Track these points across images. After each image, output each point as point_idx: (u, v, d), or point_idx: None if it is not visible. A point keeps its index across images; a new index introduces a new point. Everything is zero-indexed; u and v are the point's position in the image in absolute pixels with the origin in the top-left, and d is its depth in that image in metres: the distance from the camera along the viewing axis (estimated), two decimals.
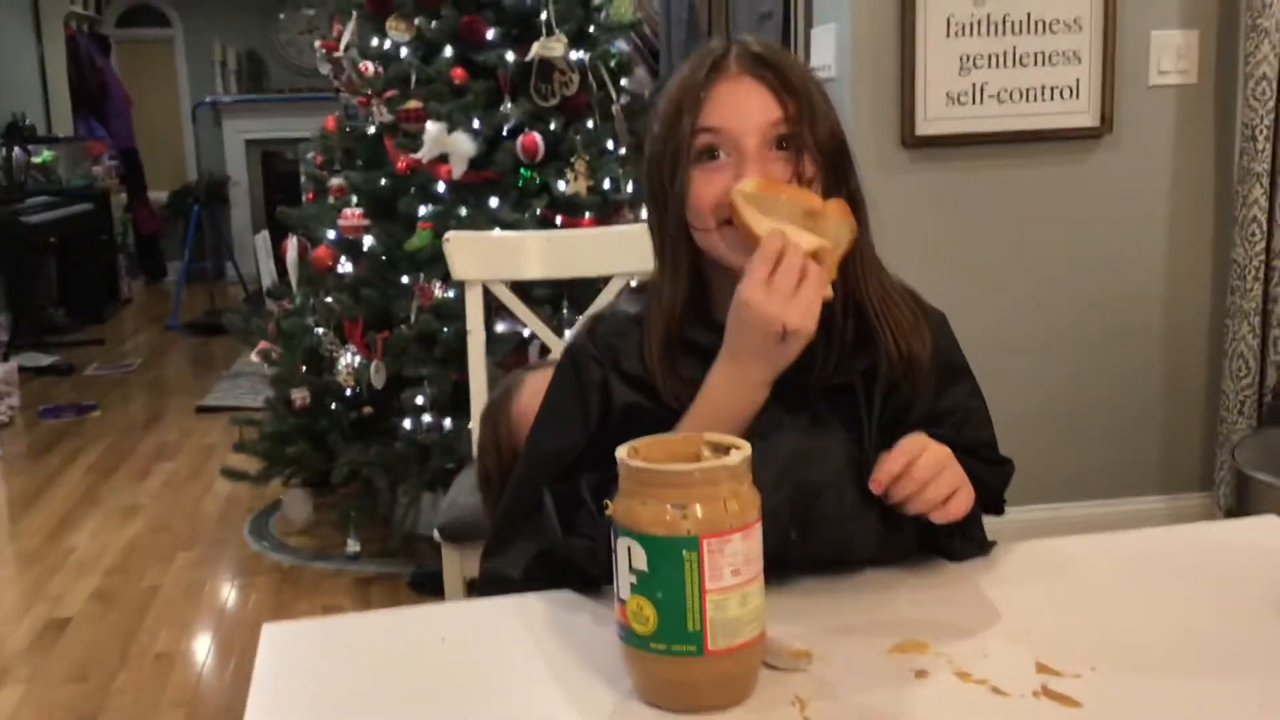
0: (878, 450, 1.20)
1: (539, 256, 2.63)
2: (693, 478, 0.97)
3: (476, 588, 1.31)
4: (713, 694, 0.99)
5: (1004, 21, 3.11)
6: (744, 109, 1.20)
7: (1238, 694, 0.98)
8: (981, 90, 3.13)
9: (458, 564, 2.37)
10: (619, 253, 2.60)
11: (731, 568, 0.96)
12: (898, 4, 3.07)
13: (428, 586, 3.31)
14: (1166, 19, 3.17)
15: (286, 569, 3.56)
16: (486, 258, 2.58)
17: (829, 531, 1.18)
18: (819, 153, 1.21)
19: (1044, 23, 3.12)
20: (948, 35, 3.09)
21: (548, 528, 1.22)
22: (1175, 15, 3.17)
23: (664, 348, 1.24)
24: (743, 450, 1.00)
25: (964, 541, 1.24)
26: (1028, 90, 3.14)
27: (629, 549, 0.97)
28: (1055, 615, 1.13)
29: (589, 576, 1.20)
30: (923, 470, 1.15)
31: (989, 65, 3.12)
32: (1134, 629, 1.10)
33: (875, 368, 1.25)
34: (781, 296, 1.14)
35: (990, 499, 1.28)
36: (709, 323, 1.24)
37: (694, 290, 1.25)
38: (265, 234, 5.86)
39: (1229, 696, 0.97)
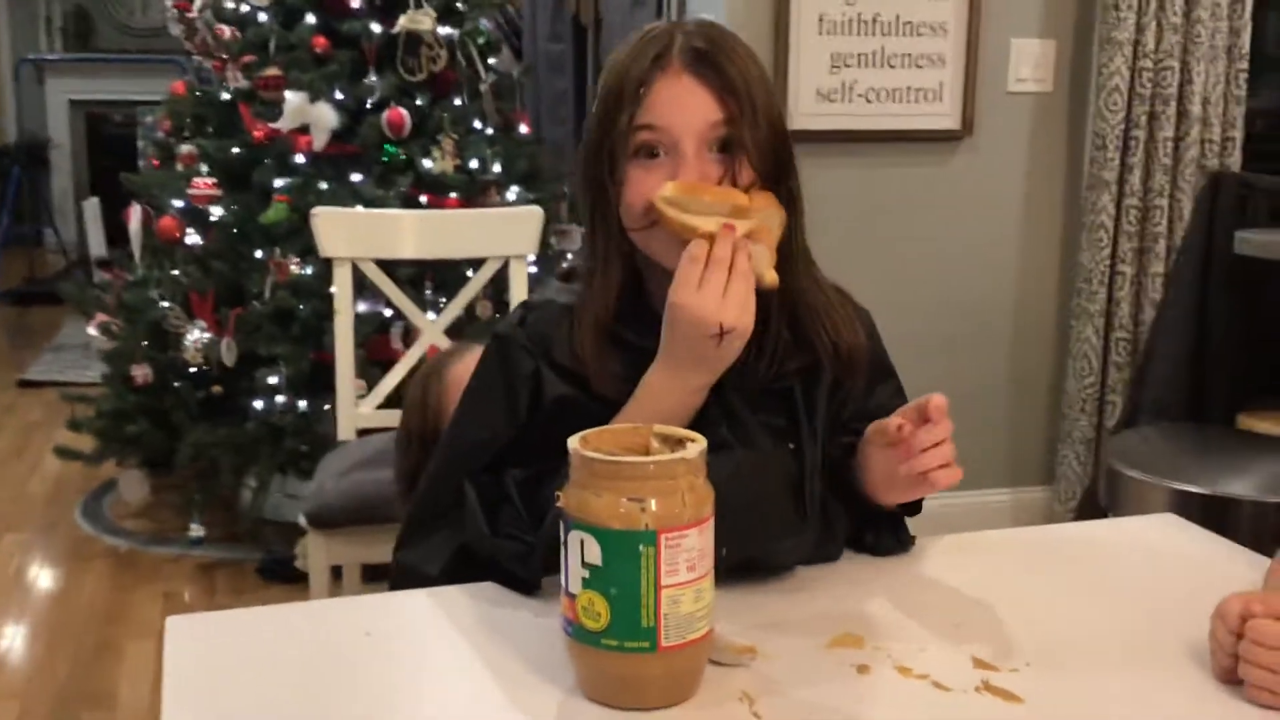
0: (819, 454, 1.20)
1: (413, 236, 2.56)
2: (650, 470, 0.94)
3: (390, 580, 1.25)
4: (662, 691, 0.97)
5: (874, 22, 3.16)
6: (684, 109, 1.16)
7: (1168, 685, 1.01)
8: (851, 88, 3.17)
9: (324, 551, 2.29)
10: (495, 235, 2.56)
11: (687, 563, 0.94)
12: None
13: (277, 573, 3.20)
14: (1026, 28, 3.28)
15: (123, 553, 3.39)
16: (357, 235, 2.50)
17: (761, 548, 1.17)
18: (758, 152, 1.18)
19: (911, 25, 3.19)
20: (820, 32, 3.13)
21: (471, 524, 1.18)
22: (1035, 25, 3.28)
23: (595, 341, 1.20)
24: (699, 443, 0.98)
25: (892, 540, 1.26)
26: (894, 91, 3.20)
27: (582, 542, 0.94)
28: (983, 609, 1.15)
29: (513, 578, 1.16)
30: (947, 428, 1.15)
31: (859, 65, 3.17)
32: (1060, 624, 1.12)
33: (814, 368, 1.24)
34: (714, 296, 1.11)
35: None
36: (643, 317, 1.21)
37: (628, 283, 1.22)
38: (95, 201, 5.58)
39: (1162, 689, 1.00)
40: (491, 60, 3.59)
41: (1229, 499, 1.96)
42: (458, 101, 3.45)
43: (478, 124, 3.48)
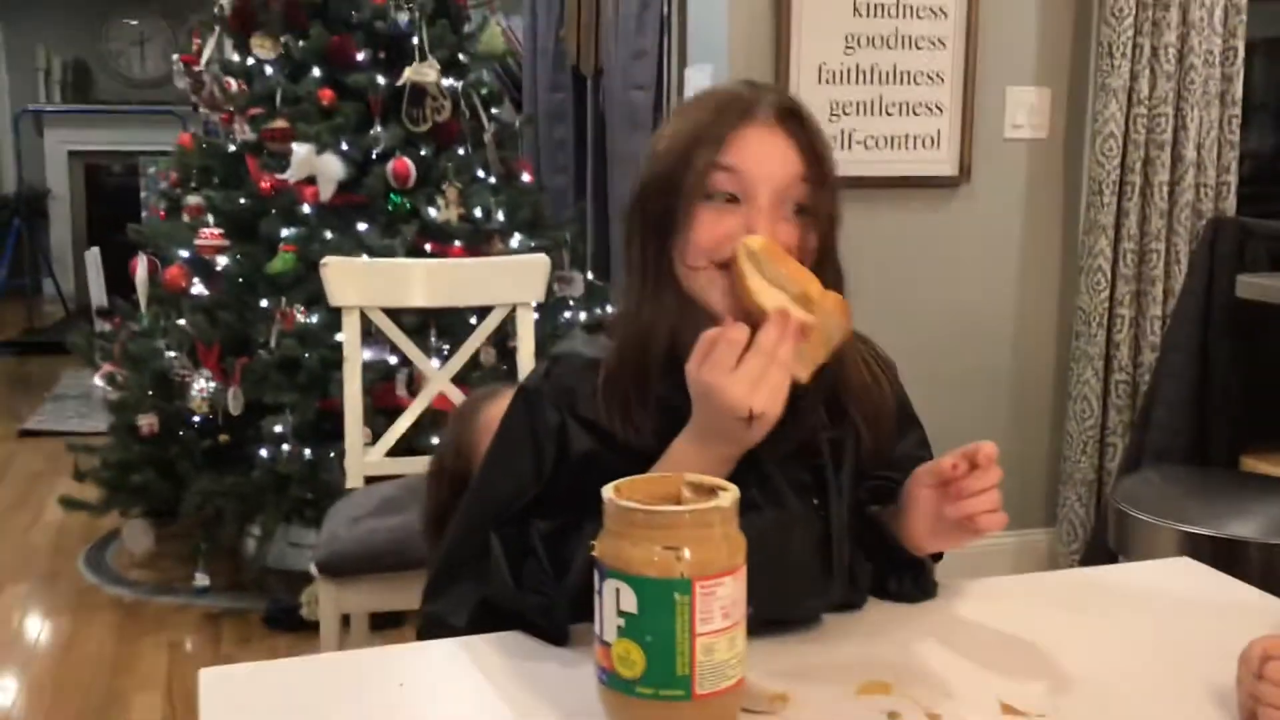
0: (845, 511, 1.22)
1: (421, 284, 2.59)
2: (685, 519, 0.96)
3: (418, 631, 1.26)
4: None
5: (872, 71, 3.21)
6: (770, 159, 1.18)
7: None
8: (850, 136, 3.22)
9: (335, 599, 2.29)
10: (501, 283, 2.58)
11: (722, 610, 0.96)
12: (772, 48, 3.13)
13: (283, 622, 3.20)
14: (1022, 76, 3.33)
15: (128, 603, 3.39)
16: (366, 284, 2.53)
17: (787, 607, 1.19)
18: (828, 219, 1.20)
19: (909, 74, 3.24)
20: (819, 81, 3.18)
21: (496, 577, 1.19)
22: (1030, 73, 3.33)
23: (635, 379, 1.20)
24: (731, 491, 0.99)
25: (914, 588, 1.27)
26: (893, 138, 3.25)
27: (617, 591, 0.96)
28: (1007, 655, 1.16)
29: (539, 629, 1.18)
30: (996, 475, 1.18)
31: (857, 113, 3.21)
32: (1084, 668, 1.13)
33: (843, 439, 1.25)
34: (747, 380, 1.11)
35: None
36: (675, 370, 1.20)
37: (666, 328, 1.21)
38: (96, 250, 5.60)
39: None
40: (494, 110, 3.64)
41: (1237, 541, 1.98)
42: (461, 151, 3.49)
43: (481, 173, 3.52)
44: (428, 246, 3.34)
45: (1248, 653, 1.02)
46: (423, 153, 3.42)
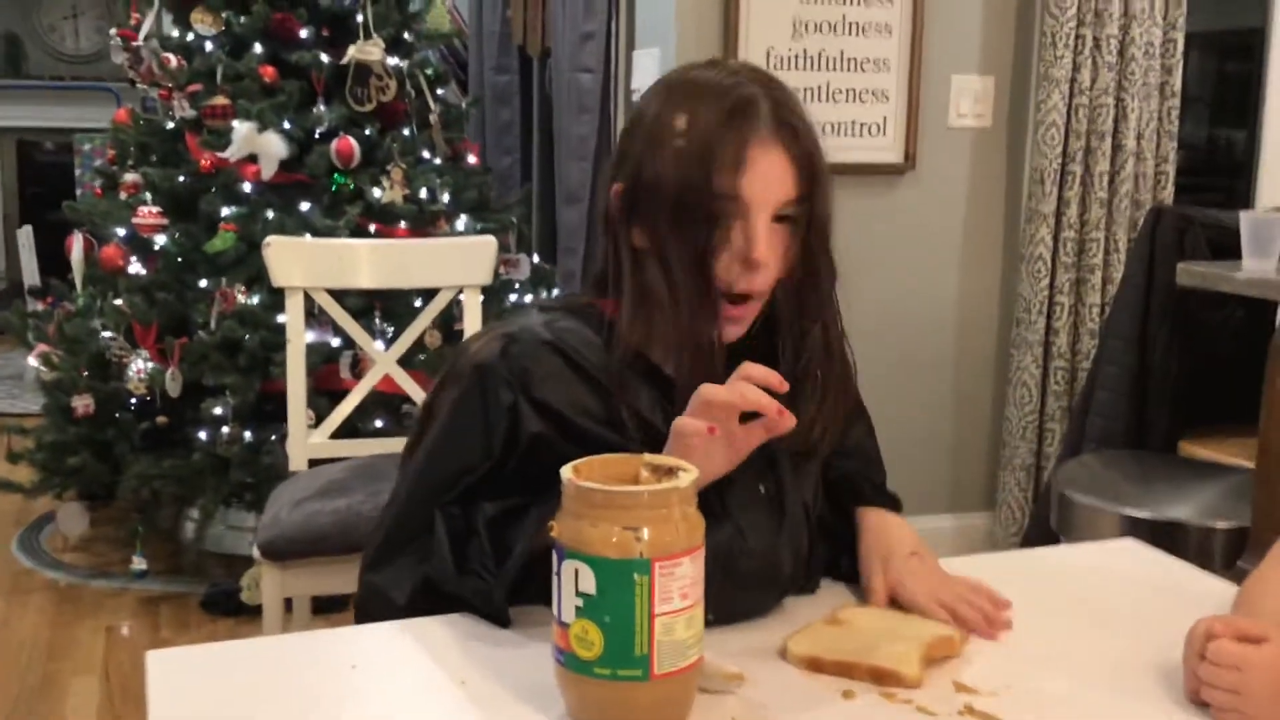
0: (805, 516, 1.24)
1: (367, 266, 2.56)
2: (644, 500, 0.96)
3: (356, 600, 1.24)
4: (654, 718, 0.98)
5: (820, 57, 3.22)
6: (770, 180, 1.15)
7: (1144, 706, 1.04)
8: None
9: (279, 583, 2.27)
10: (449, 265, 2.56)
11: (680, 590, 0.96)
12: (720, 32, 3.13)
13: (222, 606, 3.16)
14: (966, 64, 3.35)
15: (63, 587, 3.33)
16: (310, 265, 2.49)
17: (747, 611, 1.19)
18: (813, 229, 1.19)
19: (855, 61, 3.25)
20: (767, 66, 3.18)
21: (438, 559, 1.18)
22: (974, 61, 3.36)
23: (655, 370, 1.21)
24: (690, 472, 0.99)
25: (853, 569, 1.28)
26: (839, 124, 3.26)
27: (576, 571, 0.95)
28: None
29: (479, 612, 1.17)
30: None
31: (804, 99, 3.19)
32: (1035, 647, 1.15)
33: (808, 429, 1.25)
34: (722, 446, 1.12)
35: (894, 506, 1.33)
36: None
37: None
38: (28, 229, 5.48)
39: (1138, 710, 1.03)
40: (440, 91, 3.60)
41: (1176, 524, 2.01)
42: (406, 132, 3.45)
43: (426, 154, 3.48)
44: (372, 227, 3.30)
45: (1193, 632, 1.04)
46: (367, 132, 3.38)
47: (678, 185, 1.15)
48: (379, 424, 3.19)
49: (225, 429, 3.18)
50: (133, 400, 3.29)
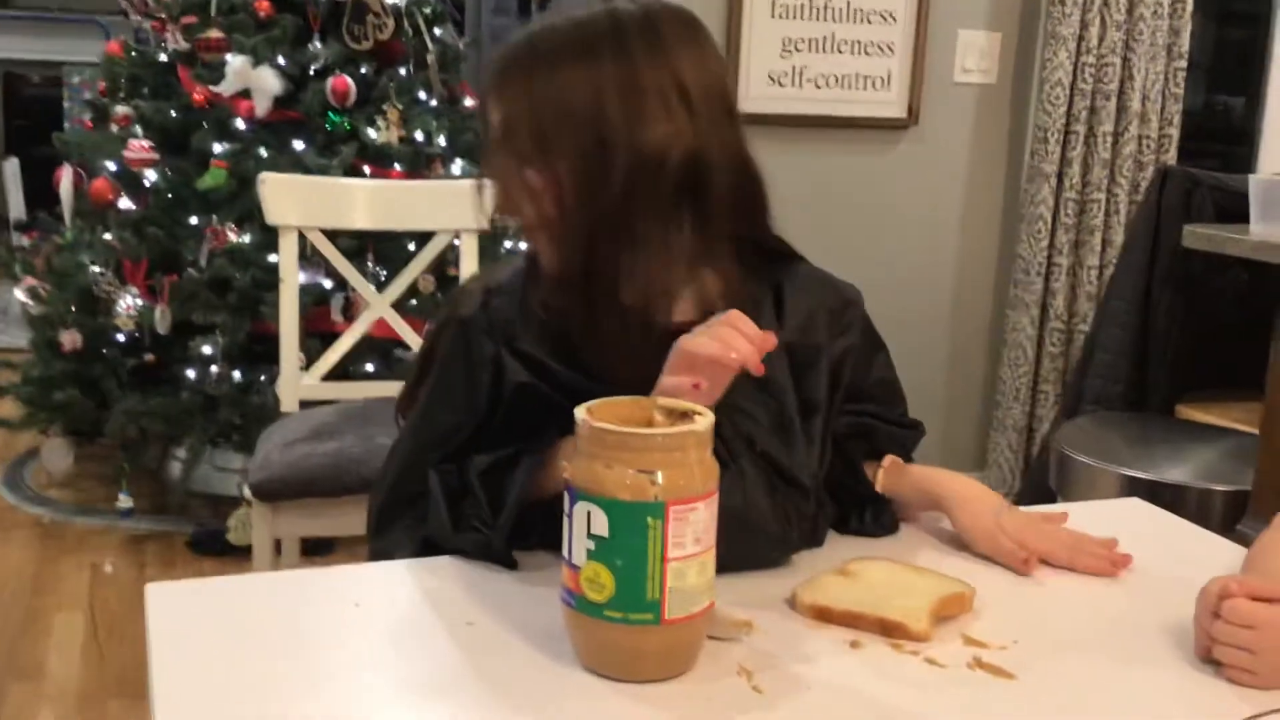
0: (814, 469, 1.22)
1: (364, 206, 2.52)
2: (660, 442, 0.94)
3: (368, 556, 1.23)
4: (663, 663, 0.97)
5: (826, 7, 3.18)
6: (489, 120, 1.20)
7: (1153, 662, 1.03)
8: (801, 73, 3.19)
9: (269, 523, 2.25)
10: (446, 208, 2.52)
11: (694, 536, 0.94)
12: None
13: (209, 546, 3.14)
14: (973, 19, 3.31)
15: (48, 524, 3.31)
16: (306, 204, 2.46)
17: (748, 556, 1.16)
18: (546, 159, 1.14)
19: (861, 12, 3.21)
20: (773, 15, 3.14)
21: (434, 517, 1.17)
22: (981, 17, 3.32)
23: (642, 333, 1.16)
24: (706, 416, 0.97)
25: (875, 525, 1.28)
26: (843, 77, 3.23)
27: (589, 513, 0.94)
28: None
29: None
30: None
31: (809, 50, 3.18)
32: (1042, 604, 1.14)
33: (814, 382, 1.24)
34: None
35: (905, 454, 1.33)
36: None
37: None
38: (15, 162, 5.40)
39: (1147, 665, 1.02)
40: (438, 31, 3.54)
41: (1176, 485, 2.01)
42: (403, 72, 3.40)
43: (423, 95, 3.43)
44: (366, 169, 3.26)
45: (1206, 590, 1.03)
46: (363, 71, 3.32)
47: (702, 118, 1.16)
48: (369, 367, 3.17)
49: (214, 368, 3.16)
50: (121, 336, 3.25)
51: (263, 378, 3.17)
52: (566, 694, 0.94)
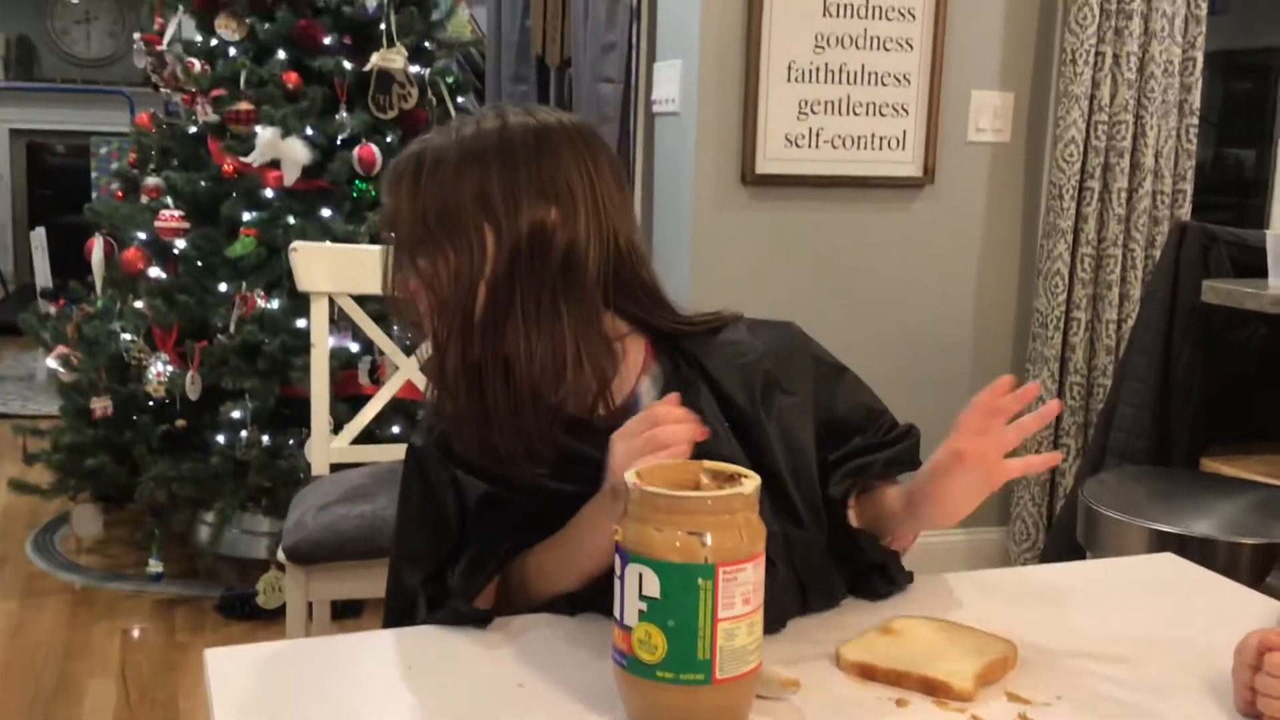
0: (811, 511, 1.25)
1: None
2: (709, 505, 0.97)
3: None
4: None
5: (840, 70, 3.23)
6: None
7: (1196, 718, 1.04)
8: (817, 135, 3.24)
9: (303, 586, 2.27)
10: None
11: (743, 596, 0.97)
12: (742, 45, 3.15)
13: (237, 610, 3.16)
14: (986, 80, 3.37)
15: (79, 590, 3.33)
16: (335, 270, 2.50)
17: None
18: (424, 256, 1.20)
19: (876, 75, 3.26)
20: (788, 80, 3.19)
21: (418, 621, 1.20)
22: (994, 77, 3.37)
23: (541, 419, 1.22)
24: (753, 479, 1.00)
25: (885, 584, 1.29)
26: (859, 138, 3.28)
27: (640, 575, 0.96)
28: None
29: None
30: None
31: (825, 112, 3.24)
32: (1082, 660, 1.15)
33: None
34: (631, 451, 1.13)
35: (912, 463, 1.34)
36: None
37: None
38: (41, 231, 5.49)
39: None
40: (460, 99, 3.62)
41: (1203, 539, 2.02)
42: None
43: None
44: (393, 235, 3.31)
45: (1244, 644, 1.05)
46: (389, 140, 3.39)
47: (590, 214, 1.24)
48: (396, 429, 3.20)
49: (244, 433, 3.19)
50: (151, 403, 3.29)
51: (291, 442, 3.21)
52: None
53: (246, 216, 3.30)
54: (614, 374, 1.25)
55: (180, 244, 3.34)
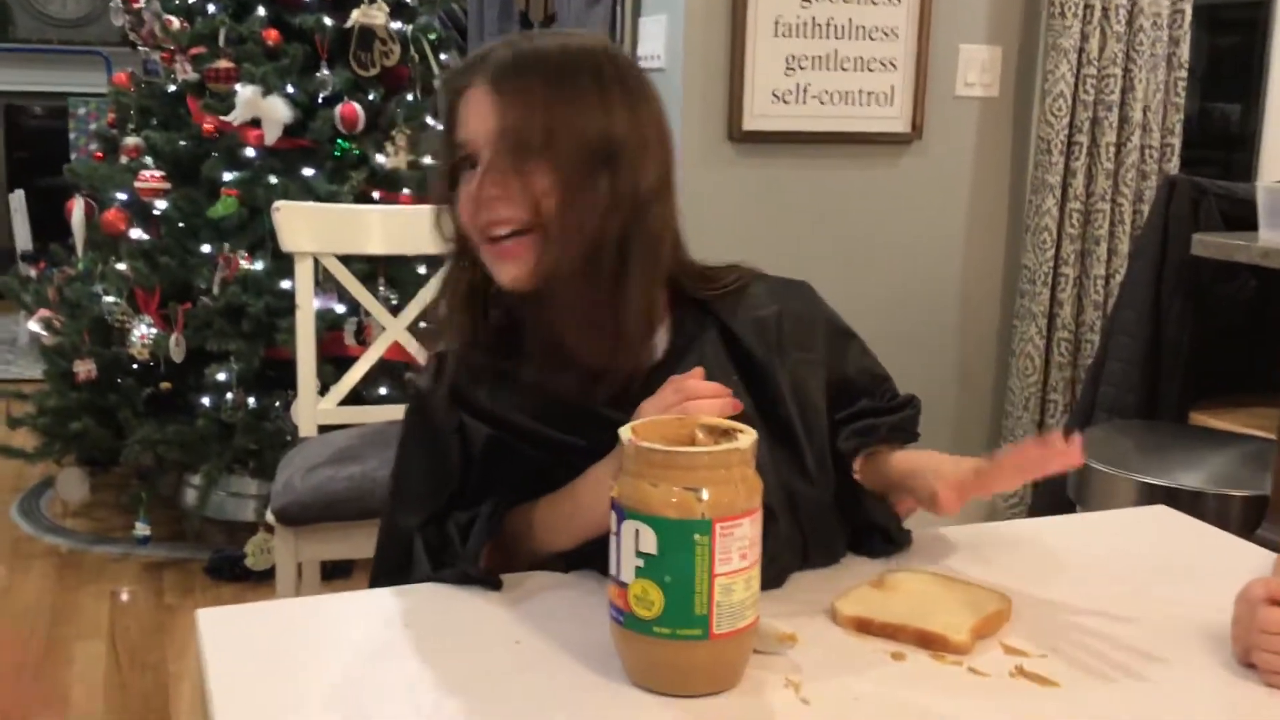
0: (820, 467, 1.24)
1: (378, 231, 2.54)
2: (705, 460, 0.96)
3: None
4: (711, 678, 0.98)
5: (828, 25, 3.20)
6: (477, 120, 1.18)
7: (1193, 667, 1.04)
8: (805, 90, 3.21)
9: (293, 548, 2.26)
10: None
11: (740, 551, 0.96)
12: (729, 0, 3.11)
13: (226, 572, 3.16)
14: (974, 34, 3.34)
15: (65, 553, 3.32)
16: (320, 230, 2.48)
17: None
18: (564, 165, 1.16)
19: (864, 29, 3.23)
20: (775, 34, 3.16)
21: (416, 570, 1.19)
22: (982, 31, 3.35)
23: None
24: (749, 434, 0.99)
25: (884, 543, 1.29)
26: (847, 93, 3.25)
27: (637, 531, 0.95)
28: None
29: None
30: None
31: (812, 67, 3.21)
32: (1076, 612, 1.15)
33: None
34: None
35: (911, 434, 1.33)
36: (521, 352, 1.23)
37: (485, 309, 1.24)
38: (20, 193, 5.43)
39: (1188, 671, 1.04)
40: (443, 56, 3.57)
41: (1193, 492, 2.03)
42: (410, 97, 3.43)
43: (430, 120, 3.46)
44: (375, 194, 3.29)
45: (1247, 592, 1.05)
46: (370, 97, 3.35)
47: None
48: (383, 391, 3.18)
49: (229, 395, 3.17)
50: (135, 365, 3.27)
51: (277, 404, 3.19)
52: (616, 710, 0.95)
53: (228, 176, 3.27)
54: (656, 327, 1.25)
55: (161, 204, 3.30)
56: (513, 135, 1.16)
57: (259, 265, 3.20)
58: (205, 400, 3.22)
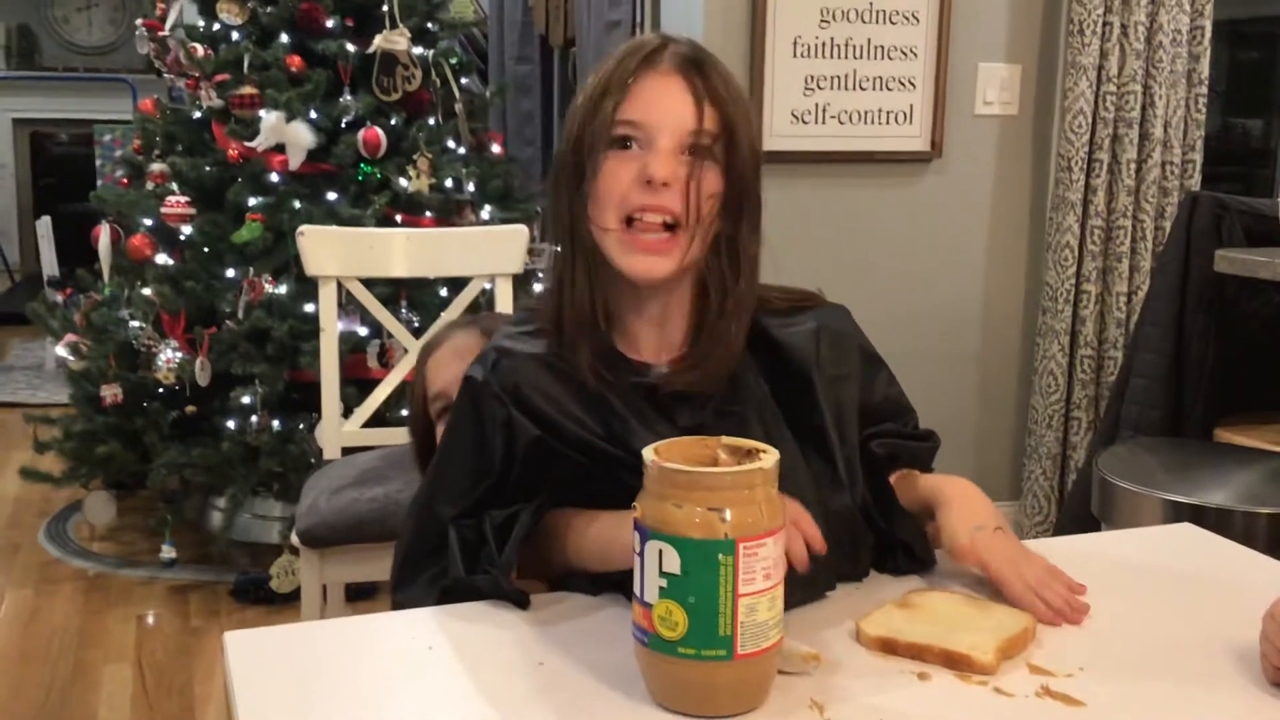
0: (854, 505, 1.25)
1: (400, 255, 2.56)
2: (728, 481, 0.96)
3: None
4: (735, 698, 0.99)
5: (846, 45, 3.21)
6: (664, 105, 1.17)
7: (1221, 688, 1.04)
8: (824, 110, 3.22)
9: (318, 570, 2.28)
10: (480, 254, 2.57)
11: (763, 571, 0.96)
12: (748, 22, 3.13)
13: (251, 595, 3.17)
14: (993, 53, 3.35)
15: (92, 576, 3.34)
16: (343, 254, 2.50)
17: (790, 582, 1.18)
18: (730, 167, 1.19)
19: (882, 49, 3.24)
20: (794, 55, 3.18)
21: (452, 568, 1.19)
22: (1001, 50, 3.35)
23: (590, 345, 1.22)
24: (771, 454, 1.00)
25: (908, 561, 1.28)
26: (866, 113, 3.26)
27: (660, 552, 0.96)
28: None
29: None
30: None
31: (831, 87, 3.22)
32: (1104, 631, 1.15)
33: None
34: None
35: (925, 468, 1.35)
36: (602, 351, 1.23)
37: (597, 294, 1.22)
38: (47, 220, 5.49)
39: (1216, 691, 1.03)
40: (464, 80, 3.60)
41: (1221, 509, 2.02)
42: (432, 121, 3.46)
43: (452, 144, 3.48)
44: (398, 217, 3.31)
45: (1275, 610, 1.04)
46: (393, 122, 3.38)
47: (578, 128, 1.20)
48: (405, 413, 3.19)
49: (254, 418, 3.19)
50: (161, 389, 3.29)
51: (301, 426, 3.21)
52: None
53: (252, 201, 3.29)
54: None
55: (186, 230, 3.33)
56: (708, 132, 1.18)
57: (283, 289, 3.22)
58: (230, 423, 3.24)
